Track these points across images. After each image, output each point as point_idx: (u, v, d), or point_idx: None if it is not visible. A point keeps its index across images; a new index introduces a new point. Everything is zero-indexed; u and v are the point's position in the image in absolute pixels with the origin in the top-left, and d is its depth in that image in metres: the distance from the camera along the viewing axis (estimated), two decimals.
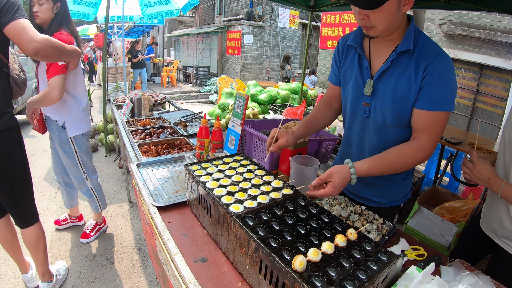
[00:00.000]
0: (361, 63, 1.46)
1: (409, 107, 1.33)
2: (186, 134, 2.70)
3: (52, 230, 3.24)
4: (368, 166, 1.29)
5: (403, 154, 1.32)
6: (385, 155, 1.32)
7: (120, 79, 8.99)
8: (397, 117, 1.37)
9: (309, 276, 0.80)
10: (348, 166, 1.27)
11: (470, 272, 1.11)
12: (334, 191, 1.22)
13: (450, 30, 6.91)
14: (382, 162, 1.31)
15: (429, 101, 1.27)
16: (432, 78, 1.25)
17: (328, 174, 1.25)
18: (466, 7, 3.25)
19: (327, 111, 1.73)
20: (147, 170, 1.91)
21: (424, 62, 1.26)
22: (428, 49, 1.28)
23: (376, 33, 1.26)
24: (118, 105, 3.98)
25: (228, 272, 1.09)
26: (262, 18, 14.58)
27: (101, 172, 4.77)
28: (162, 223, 1.35)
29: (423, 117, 1.30)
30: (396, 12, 1.19)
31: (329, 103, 1.74)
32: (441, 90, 1.25)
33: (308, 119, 1.68)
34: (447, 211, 2.85)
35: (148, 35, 22.77)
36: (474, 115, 7.13)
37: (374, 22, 1.22)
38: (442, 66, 1.24)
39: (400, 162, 1.32)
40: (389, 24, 1.23)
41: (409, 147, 1.33)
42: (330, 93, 1.73)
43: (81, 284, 2.55)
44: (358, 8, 1.21)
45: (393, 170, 1.35)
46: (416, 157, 1.32)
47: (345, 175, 1.25)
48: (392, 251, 0.96)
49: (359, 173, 1.27)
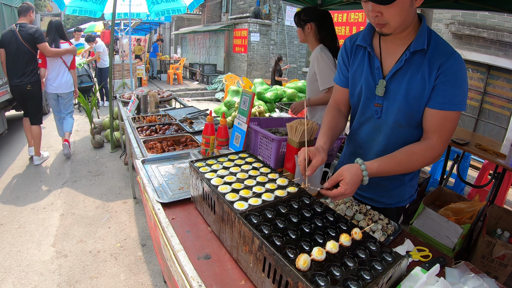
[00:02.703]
0: (371, 63, 1.43)
1: (422, 107, 1.32)
2: (192, 131, 2.70)
3: (57, 225, 3.27)
4: (378, 164, 1.27)
5: (413, 154, 1.30)
6: (395, 154, 1.31)
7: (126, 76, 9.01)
8: (410, 117, 1.36)
9: (313, 275, 0.80)
10: (358, 163, 1.25)
11: (475, 274, 1.10)
12: (347, 188, 1.19)
13: (458, 30, 6.84)
14: (392, 161, 1.30)
15: (442, 101, 1.26)
16: (445, 77, 1.24)
17: (338, 173, 1.23)
18: (474, 7, 3.20)
19: (340, 119, 1.63)
20: (152, 166, 1.91)
21: (437, 62, 1.24)
22: (440, 49, 1.27)
23: (390, 30, 1.24)
24: (124, 102, 4.00)
25: (231, 270, 1.08)
26: (269, 16, 14.53)
27: (107, 168, 4.80)
28: (166, 219, 1.35)
29: (434, 116, 1.29)
30: (409, 7, 1.18)
31: (338, 109, 1.67)
32: (454, 89, 1.24)
33: (327, 130, 1.54)
34: (452, 213, 2.83)
35: (155, 33, 22.82)
36: (481, 116, 7.06)
37: (387, 19, 1.20)
38: (456, 65, 1.23)
39: (409, 161, 1.31)
40: (403, 20, 1.21)
41: (419, 147, 1.32)
42: (338, 97, 1.67)
43: (85, 280, 2.57)
44: (371, 6, 1.19)
45: (403, 170, 1.34)
46: (426, 157, 1.31)
47: (356, 171, 1.22)
48: (397, 252, 0.95)
49: (370, 171, 1.25)
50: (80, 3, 6.35)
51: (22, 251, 2.86)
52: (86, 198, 3.86)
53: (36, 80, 4.52)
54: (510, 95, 6.51)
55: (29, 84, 4.43)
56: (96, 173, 4.61)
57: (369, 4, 1.20)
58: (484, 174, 4.17)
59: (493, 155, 3.22)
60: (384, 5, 1.15)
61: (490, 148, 3.36)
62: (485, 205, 2.87)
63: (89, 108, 5.70)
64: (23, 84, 4.39)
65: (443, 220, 2.59)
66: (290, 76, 15.69)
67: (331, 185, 1.24)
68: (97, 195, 3.95)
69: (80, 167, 4.79)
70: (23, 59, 4.37)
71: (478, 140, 3.79)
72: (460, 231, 2.51)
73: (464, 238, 2.65)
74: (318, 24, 2.51)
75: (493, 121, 6.86)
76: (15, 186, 4.07)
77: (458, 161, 3.87)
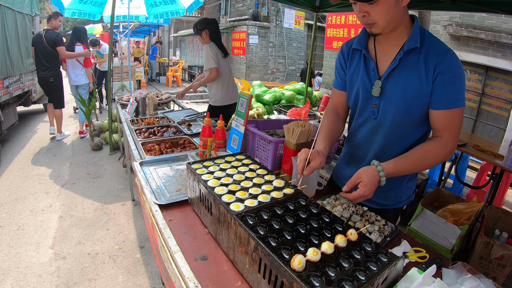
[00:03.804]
0: (367, 65, 1.46)
1: (420, 106, 1.34)
2: (190, 133, 2.70)
3: (56, 227, 3.27)
4: (394, 164, 1.31)
5: (427, 152, 1.34)
6: (410, 153, 1.35)
7: (125, 79, 9.02)
8: (408, 116, 1.38)
9: (307, 276, 0.80)
10: (374, 165, 1.30)
11: (472, 275, 1.10)
12: (366, 189, 1.24)
13: (456, 32, 6.86)
14: (407, 160, 1.33)
15: (446, 100, 1.28)
16: (445, 76, 1.26)
17: (356, 176, 1.28)
18: (472, 8, 3.22)
19: (338, 122, 1.65)
20: (150, 168, 1.91)
21: (433, 61, 1.27)
22: (435, 47, 1.29)
23: (379, 29, 1.28)
24: (123, 104, 4.00)
25: (228, 271, 1.08)
26: (268, 18, 14.56)
27: (105, 170, 4.80)
28: (163, 221, 1.35)
29: (441, 116, 1.31)
30: (395, 6, 1.21)
31: (336, 112, 1.68)
32: (455, 87, 1.27)
33: (326, 134, 1.56)
34: (450, 214, 2.83)
35: (154, 35, 22.84)
36: (479, 117, 7.08)
37: (374, 18, 1.24)
38: (452, 63, 1.26)
39: (424, 160, 1.34)
40: (390, 19, 1.24)
41: (432, 145, 1.34)
42: (336, 101, 1.69)
43: (83, 281, 2.57)
44: (359, 6, 1.23)
45: (419, 168, 1.39)
46: (439, 154, 1.33)
47: (373, 173, 1.27)
48: (392, 252, 0.95)
49: (387, 171, 1.29)
50: (79, 6, 6.36)
51: (21, 253, 2.86)
52: (85, 200, 3.86)
53: (57, 74, 5.83)
54: (508, 96, 6.52)
55: (52, 76, 5.72)
56: (95, 175, 4.61)
57: (357, 4, 1.24)
58: (482, 175, 4.17)
59: (491, 156, 3.22)
60: (368, 3, 1.19)
61: (488, 149, 3.36)
62: (483, 206, 2.88)
63: (88, 110, 5.71)
64: (47, 76, 5.69)
65: (441, 221, 2.59)
66: (288, 78, 15.74)
67: (349, 188, 1.29)
68: (95, 197, 3.95)
69: (78, 169, 4.79)
70: (46, 57, 5.61)
71: (476, 141, 3.80)
72: (458, 232, 2.51)
73: (462, 239, 2.65)
74: (210, 29, 3.82)
75: (491, 122, 6.87)
76: (14, 188, 4.07)
77: (456, 162, 3.88)
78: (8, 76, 5.26)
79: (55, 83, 5.81)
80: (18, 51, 5.66)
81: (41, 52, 5.57)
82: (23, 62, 5.92)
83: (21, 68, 5.82)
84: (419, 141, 1.46)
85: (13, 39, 5.41)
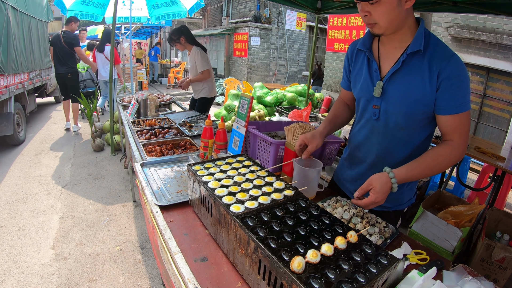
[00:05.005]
0: (370, 66, 1.47)
1: (422, 109, 1.34)
2: (191, 134, 2.70)
3: (57, 228, 3.27)
4: (407, 170, 1.31)
5: (438, 155, 1.33)
6: (422, 158, 1.34)
7: (127, 80, 9.04)
8: (411, 119, 1.38)
9: (307, 278, 0.80)
10: (386, 172, 1.30)
11: (473, 277, 1.10)
12: (378, 196, 1.25)
13: (457, 33, 6.86)
14: (420, 165, 1.33)
15: (454, 105, 1.28)
16: (451, 81, 1.26)
17: (368, 183, 1.29)
18: (473, 10, 3.22)
19: (345, 110, 1.76)
20: (151, 169, 1.92)
21: (437, 65, 1.27)
22: (439, 51, 1.29)
23: (381, 30, 1.29)
24: (125, 105, 4.01)
25: (227, 272, 1.09)
26: (269, 20, 14.58)
27: (107, 171, 4.81)
28: (164, 222, 1.35)
29: (451, 121, 1.32)
30: (397, 7, 1.21)
31: (344, 103, 1.78)
32: (462, 91, 1.27)
33: (331, 118, 1.71)
34: (452, 216, 2.82)
35: (155, 36, 22.88)
36: (481, 119, 7.07)
37: (376, 18, 1.25)
38: (458, 68, 1.26)
39: (437, 164, 1.33)
40: (391, 20, 1.25)
41: (443, 148, 1.34)
42: (344, 96, 1.78)
43: (84, 282, 2.57)
44: (361, 5, 1.25)
45: (431, 172, 1.38)
46: (451, 157, 1.33)
47: (385, 179, 1.27)
48: (392, 254, 0.95)
49: (399, 178, 1.29)
50: (81, 7, 6.38)
51: (22, 253, 2.87)
52: (86, 201, 3.86)
53: (74, 71, 6.43)
54: (509, 98, 6.51)
55: (69, 73, 6.31)
56: (96, 176, 4.62)
57: (360, 4, 1.26)
58: (484, 177, 4.16)
59: (492, 158, 3.22)
60: (370, 2, 1.21)
61: (490, 151, 3.35)
62: (485, 208, 2.87)
63: (90, 111, 5.72)
64: (65, 73, 6.28)
65: (442, 223, 2.59)
66: (290, 80, 15.74)
67: (361, 194, 1.30)
68: (97, 198, 3.95)
69: (80, 170, 4.80)
70: (64, 56, 6.18)
71: (477, 143, 3.79)
72: (459, 234, 2.51)
73: (463, 241, 2.65)
74: (185, 35, 4.22)
75: (493, 124, 6.86)
76: (16, 188, 4.08)
77: (457, 164, 3.87)
78: (32, 71, 6.35)
79: (73, 79, 6.44)
80: (38, 51, 6.72)
81: (59, 52, 6.14)
82: (42, 60, 6.98)
83: (40, 65, 6.88)
84: (423, 144, 1.47)
85: (35, 42, 6.47)
